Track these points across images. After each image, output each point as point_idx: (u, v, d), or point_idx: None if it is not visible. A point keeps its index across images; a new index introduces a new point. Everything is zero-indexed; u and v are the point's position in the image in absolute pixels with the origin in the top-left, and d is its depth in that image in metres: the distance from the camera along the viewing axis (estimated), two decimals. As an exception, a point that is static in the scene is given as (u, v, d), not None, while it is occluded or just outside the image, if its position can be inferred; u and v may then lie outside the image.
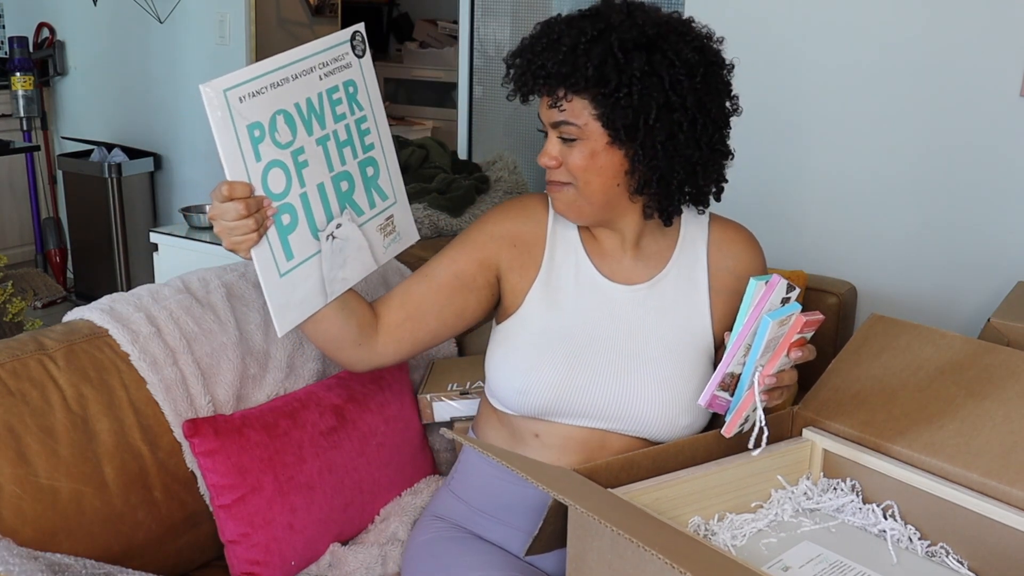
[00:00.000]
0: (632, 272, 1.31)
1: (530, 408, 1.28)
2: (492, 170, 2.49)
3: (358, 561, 1.40)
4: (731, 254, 1.33)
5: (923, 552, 1.11)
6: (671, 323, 1.28)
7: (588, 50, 1.15)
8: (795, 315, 1.11)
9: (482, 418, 1.40)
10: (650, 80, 1.15)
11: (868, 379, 1.28)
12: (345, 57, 1.22)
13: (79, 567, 1.16)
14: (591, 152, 1.20)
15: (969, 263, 2.13)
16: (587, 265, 1.31)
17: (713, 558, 0.89)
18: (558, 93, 1.18)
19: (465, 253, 1.31)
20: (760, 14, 2.31)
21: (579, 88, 1.16)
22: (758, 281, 1.10)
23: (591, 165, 1.20)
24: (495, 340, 1.34)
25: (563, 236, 1.33)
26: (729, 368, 1.12)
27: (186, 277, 1.53)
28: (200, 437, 1.33)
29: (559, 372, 1.25)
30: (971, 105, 2.07)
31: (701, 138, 1.20)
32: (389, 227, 1.30)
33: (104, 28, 3.97)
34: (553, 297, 1.30)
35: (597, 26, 1.17)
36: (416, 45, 5.25)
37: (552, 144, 1.22)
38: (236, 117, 1.10)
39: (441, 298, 1.30)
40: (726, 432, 1.15)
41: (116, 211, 3.80)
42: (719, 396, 1.14)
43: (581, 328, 1.28)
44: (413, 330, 1.30)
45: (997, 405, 1.16)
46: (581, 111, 1.18)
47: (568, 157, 1.21)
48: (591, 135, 1.19)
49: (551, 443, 1.29)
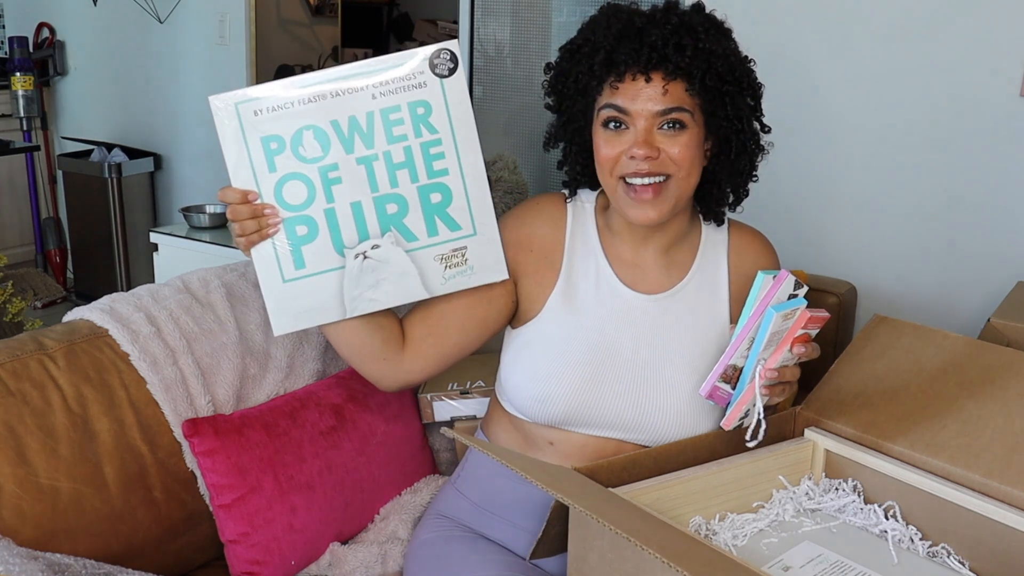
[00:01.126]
0: (654, 281, 1.28)
1: (547, 417, 1.26)
2: (492, 170, 2.48)
3: (358, 560, 1.40)
4: (750, 260, 1.32)
5: (924, 552, 1.11)
6: (692, 332, 1.27)
7: (711, 43, 1.16)
8: (800, 310, 1.11)
9: (492, 420, 1.38)
10: (744, 80, 1.21)
11: (870, 379, 1.28)
12: (419, 76, 1.16)
13: (79, 567, 1.16)
14: (698, 142, 1.19)
15: (969, 263, 2.13)
16: (608, 272, 1.28)
17: (713, 558, 0.89)
18: (692, 77, 1.16)
19: None
20: (759, 15, 2.31)
21: (713, 76, 1.16)
22: (766, 275, 1.10)
23: (696, 155, 1.20)
24: (512, 345, 1.31)
25: (583, 240, 1.29)
26: (732, 360, 1.12)
27: (186, 277, 1.53)
28: (200, 437, 1.33)
29: (578, 382, 1.23)
30: (971, 105, 2.07)
31: (759, 145, 1.27)
32: (457, 259, 1.23)
33: (104, 28, 3.97)
34: (572, 304, 1.27)
35: (692, 19, 1.18)
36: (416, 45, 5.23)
37: (651, 133, 1.16)
38: (248, 129, 1.13)
39: (461, 310, 1.27)
40: (725, 424, 1.15)
41: (116, 211, 3.79)
42: (720, 388, 1.14)
43: (601, 337, 1.25)
44: (437, 345, 1.28)
45: (999, 406, 1.16)
46: (687, 99, 1.17)
47: (669, 147, 1.17)
48: (696, 124, 1.18)
49: (566, 451, 1.27)
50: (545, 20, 2.91)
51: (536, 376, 1.25)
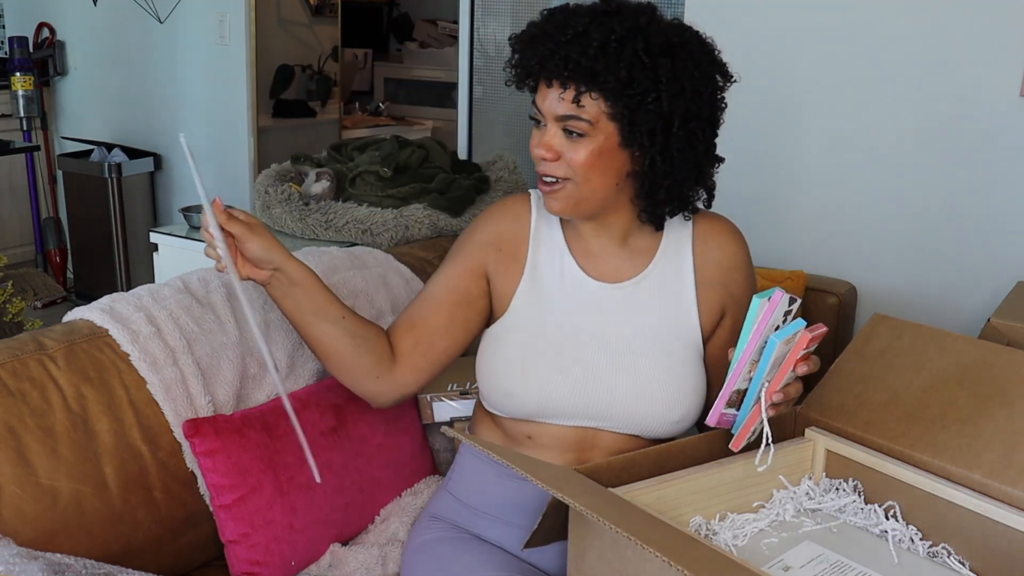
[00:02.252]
0: (618, 270, 1.30)
1: (519, 411, 1.28)
2: (492, 170, 2.48)
3: (358, 561, 1.40)
4: (715, 246, 1.32)
5: (924, 553, 1.11)
6: (658, 319, 1.28)
7: (619, 51, 1.13)
8: (800, 332, 1.10)
9: (476, 421, 1.41)
10: (675, 86, 1.15)
11: (871, 379, 1.28)
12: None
13: (79, 567, 1.16)
14: (598, 150, 1.18)
15: (969, 263, 2.13)
16: (572, 265, 1.30)
17: (712, 558, 0.89)
18: (579, 88, 1.14)
19: (457, 267, 1.32)
20: (758, 14, 2.31)
21: (606, 87, 1.13)
22: (760, 298, 1.10)
23: (595, 163, 1.18)
24: (484, 343, 1.34)
25: (547, 236, 1.32)
26: (736, 387, 1.12)
27: (186, 277, 1.53)
28: (200, 437, 1.33)
29: (546, 374, 1.25)
30: (971, 105, 2.07)
31: (710, 147, 1.22)
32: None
33: (104, 28, 3.97)
34: (539, 298, 1.30)
35: (625, 25, 1.14)
36: (416, 45, 5.25)
37: (553, 136, 1.19)
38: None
39: (443, 316, 1.30)
40: (734, 446, 1.14)
41: (116, 211, 3.79)
42: (726, 413, 1.14)
43: (567, 329, 1.27)
44: (425, 353, 1.31)
45: (1000, 406, 1.16)
46: (594, 108, 1.16)
47: (569, 152, 1.18)
48: (601, 133, 1.17)
49: (544, 443, 1.29)
50: (545, 20, 2.91)
51: (502, 371, 1.28)
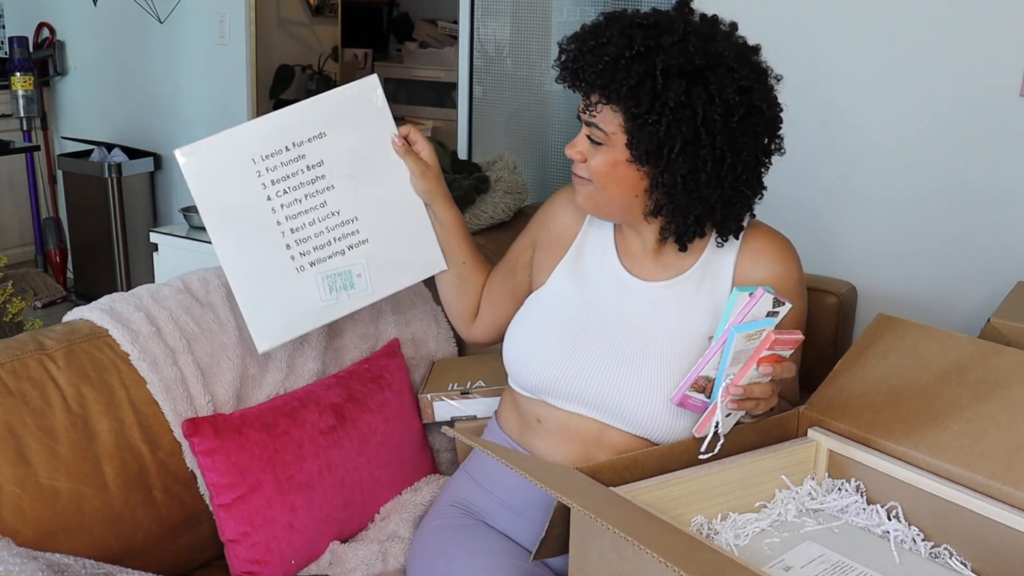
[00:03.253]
0: (653, 271, 1.31)
1: (527, 382, 1.31)
2: (492, 170, 2.48)
3: (358, 558, 1.40)
4: (761, 264, 1.29)
5: (926, 553, 1.10)
6: (685, 324, 1.26)
7: (629, 66, 1.14)
8: (766, 331, 1.10)
9: (503, 403, 1.45)
10: (682, 112, 1.13)
11: (874, 379, 1.27)
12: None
13: (79, 567, 1.16)
14: (614, 161, 1.20)
15: (969, 263, 2.13)
16: (612, 256, 1.34)
17: (713, 558, 0.89)
18: (591, 98, 1.19)
19: (524, 236, 1.45)
20: (758, 15, 2.31)
21: (613, 100, 1.17)
22: (741, 291, 1.10)
23: (611, 173, 1.21)
24: (520, 310, 1.40)
25: (599, 225, 1.36)
26: (704, 372, 1.13)
27: (186, 277, 1.53)
28: (200, 436, 1.33)
29: (560, 350, 1.28)
30: (971, 105, 2.07)
31: (726, 178, 1.18)
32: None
33: (104, 28, 3.97)
34: (574, 278, 1.34)
35: (647, 42, 1.14)
36: (416, 45, 5.24)
37: (581, 139, 1.24)
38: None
39: (498, 284, 1.47)
40: (696, 431, 1.16)
41: (116, 211, 3.79)
42: (692, 397, 1.16)
43: (592, 313, 1.30)
44: (491, 315, 1.48)
45: (1002, 407, 1.16)
46: (612, 120, 1.18)
47: (592, 157, 1.22)
48: (616, 145, 1.19)
49: (551, 429, 1.31)
50: (545, 20, 2.91)
51: (519, 337, 1.35)
